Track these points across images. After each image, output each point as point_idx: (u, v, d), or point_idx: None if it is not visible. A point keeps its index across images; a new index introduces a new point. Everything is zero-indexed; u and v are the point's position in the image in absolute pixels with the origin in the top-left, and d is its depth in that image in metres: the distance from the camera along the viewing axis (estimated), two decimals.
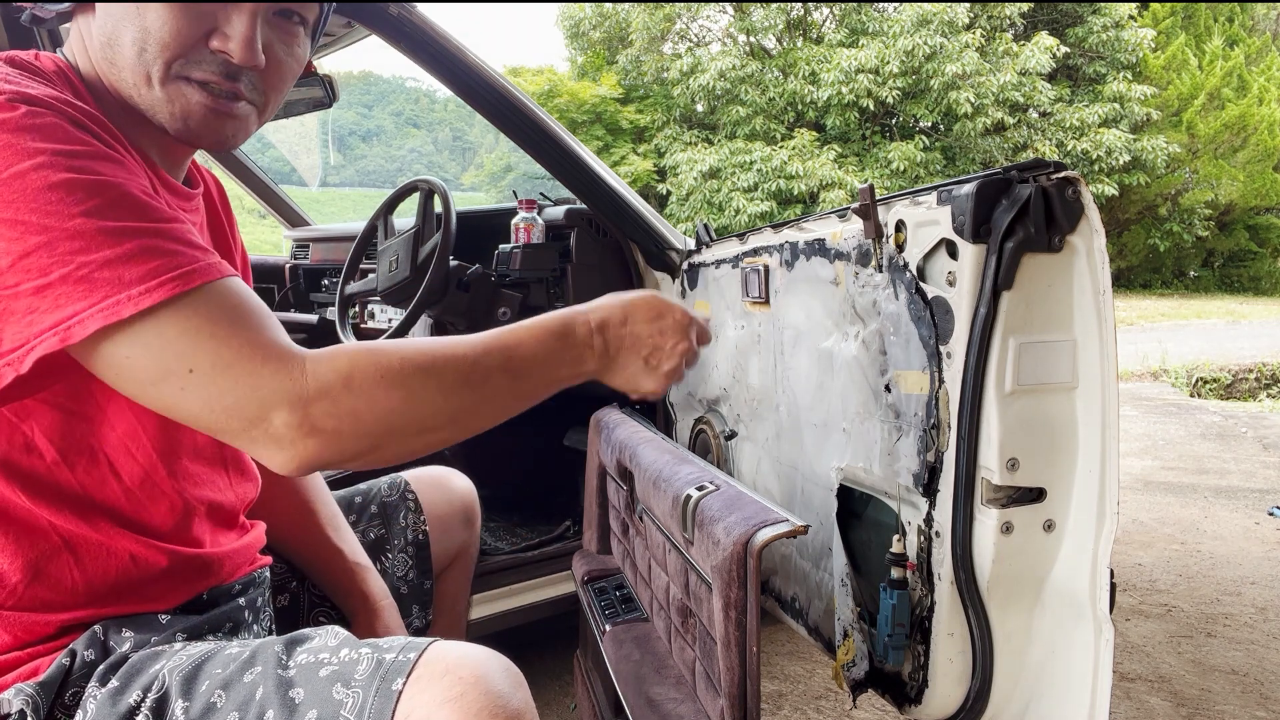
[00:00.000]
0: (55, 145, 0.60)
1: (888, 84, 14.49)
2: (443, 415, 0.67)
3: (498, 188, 23.06)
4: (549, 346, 0.74)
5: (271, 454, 0.62)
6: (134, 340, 0.59)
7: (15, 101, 0.60)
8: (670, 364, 0.82)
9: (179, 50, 0.68)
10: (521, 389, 0.73)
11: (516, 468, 2.48)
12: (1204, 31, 16.99)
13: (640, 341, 0.80)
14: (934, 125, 15.78)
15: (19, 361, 0.59)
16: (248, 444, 0.62)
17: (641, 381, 0.82)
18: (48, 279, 0.58)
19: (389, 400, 0.64)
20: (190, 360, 0.60)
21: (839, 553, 1.13)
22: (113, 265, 0.59)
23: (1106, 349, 0.87)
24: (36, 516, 0.69)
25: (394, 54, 1.55)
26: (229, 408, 0.61)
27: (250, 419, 0.61)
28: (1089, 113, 15.09)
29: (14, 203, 0.57)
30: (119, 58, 0.69)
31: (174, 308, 0.60)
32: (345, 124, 40.67)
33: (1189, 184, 16.01)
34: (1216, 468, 3.98)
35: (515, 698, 0.63)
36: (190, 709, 0.65)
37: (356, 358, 0.64)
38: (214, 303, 0.62)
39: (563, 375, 0.76)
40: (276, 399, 0.61)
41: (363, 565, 1.03)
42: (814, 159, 14.44)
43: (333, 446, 0.63)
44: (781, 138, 15.27)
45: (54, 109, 0.62)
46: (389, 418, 0.64)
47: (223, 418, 0.61)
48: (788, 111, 15.73)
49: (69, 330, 0.58)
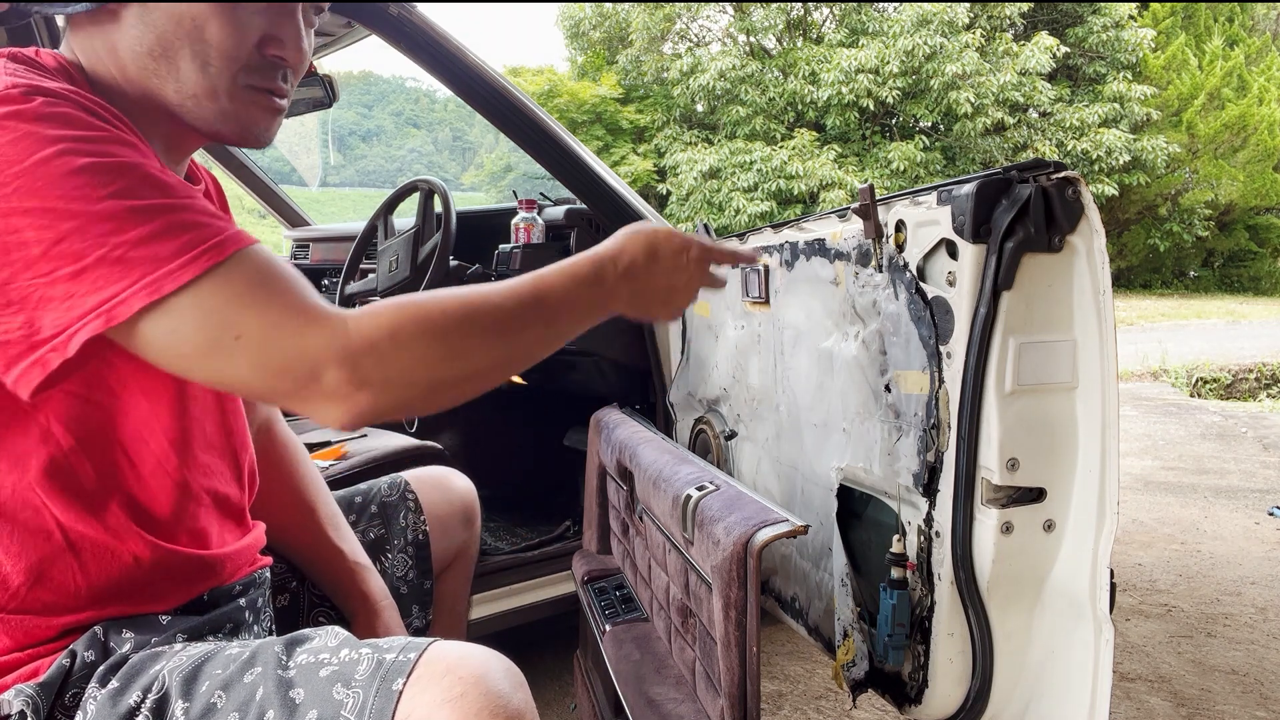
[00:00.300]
0: (74, 132, 0.61)
1: (888, 84, 14.50)
2: (483, 363, 0.69)
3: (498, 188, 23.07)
4: (579, 293, 0.76)
5: (326, 410, 0.63)
6: (178, 314, 0.60)
7: (31, 94, 0.61)
8: (687, 299, 0.86)
9: (244, 61, 0.71)
10: (553, 333, 0.75)
11: (516, 468, 2.48)
12: (1204, 31, 17.00)
13: (663, 279, 0.83)
14: (934, 125, 15.78)
15: (64, 346, 0.60)
16: (300, 403, 0.63)
17: (660, 313, 0.85)
18: (83, 263, 0.58)
19: (432, 352, 0.65)
20: (236, 327, 0.61)
21: (839, 553, 1.13)
22: (147, 243, 0.59)
23: (1106, 349, 0.87)
24: (43, 516, 0.69)
25: (394, 54, 1.55)
26: (280, 368, 0.62)
27: (302, 378, 0.62)
28: (1089, 113, 15.09)
29: (40, 191, 0.58)
30: (169, 71, 0.70)
31: (213, 278, 0.61)
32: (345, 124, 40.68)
33: (1189, 184, 16.02)
34: (1216, 468, 3.98)
35: (516, 698, 0.63)
36: (190, 709, 0.65)
37: (398, 312, 0.65)
38: (250, 269, 0.63)
39: (592, 318, 0.78)
40: (326, 356, 0.62)
41: (363, 565, 1.03)
42: (814, 159, 14.45)
43: (383, 398, 0.64)
44: (781, 138, 15.28)
45: (68, 99, 0.63)
46: (434, 369, 0.66)
47: (274, 379, 0.62)
48: (788, 111, 15.73)
49: (113, 311, 0.58)
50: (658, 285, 0.82)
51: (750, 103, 15.38)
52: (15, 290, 0.59)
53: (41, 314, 0.59)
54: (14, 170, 0.58)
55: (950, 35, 14.46)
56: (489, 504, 1.64)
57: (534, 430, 2.52)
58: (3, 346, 0.60)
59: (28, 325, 0.60)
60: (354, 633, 0.93)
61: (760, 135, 15.27)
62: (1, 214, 0.58)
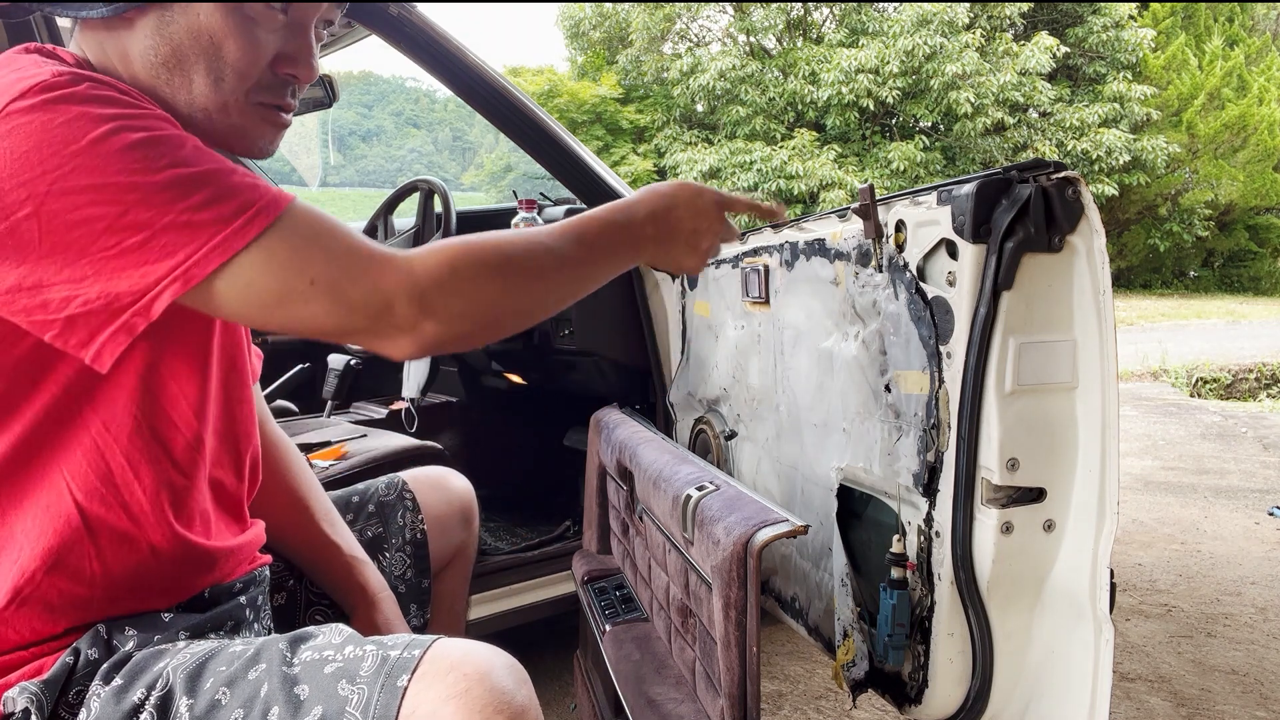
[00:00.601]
0: (123, 110, 0.63)
1: (888, 84, 14.50)
2: (534, 298, 0.75)
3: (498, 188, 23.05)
4: (614, 236, 0.82)
5: (398, 341, 0.68)
6: (252, 268, 0.63)
7: (78, 79, 0.63)
8: (708, 243, 0.90)
9: (256, 79, 0.73)
10: (593, 273, 0.80)
11: (516, 468, 2.48)
12: (1204, 31, 17.00)
13: (683, 225, 0.87)
14: (934, 125, 15.78)
15: (147, 310, 0.62)
16: (373, 338, 0.68)
17: (686, 260, 0.90)
18: (151, 230, 0.61)
19: (490, 287, 0.70)
20: (309, 272, 0.65)
21: (839, 553, 1.13)
22: (210, 206, 0.62)
23: (1106, 349, 0.88)
24: (65, 500, 0.69)
25: (394, 54, 1.55)
26: (355, 305, 0.66)
27: (376, 312, 0.66)
28: (1089, 113, 15.09)
29: (100, 168, 0.60)
30: (182, 82, 0.71)
31: (278, 230, 0.64)
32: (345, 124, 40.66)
33: (1189, 184, 16.02)
34: (1216, 468, 3.98)
35: (519, 694, 0.63)
36: (195, 706, 0.66)
37: (456, 251, 0.70)
38: (308, 219, 0.67)
39: (624, 260, 0.84)
40: (396, 289, 0.66)
41: (360, 559, 1.03)
42: (814, 159, 14.45)
43: (449, 327, 0.69)
44: (781, 138, 15.27)
45: (107, 84, 0.65)
46: (492, 302, 0.71)
47: (350, 316, 0.66)
48: (788, 111, 15.73)
49: (189, 272, 0.61)
50: (680, 229, 0.87)
51: (750, 103, 15.37)
52: (88, 265, 0.61)
53: (117, 283, 0.61)
54: (71, 150, 0.60)
55: (950, 35, 14.46)
56: (489, 504, 1.64)
57: (534, 430, 2.52)
58: (85, 318, 0.62)
59: (105, 295, 0.61)
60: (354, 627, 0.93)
61: (760, 135, 15.27)
62: (63, 192, 0.59)
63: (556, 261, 0.75)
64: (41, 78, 0.61)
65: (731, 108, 15.55)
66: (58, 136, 0.60)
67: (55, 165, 0.59)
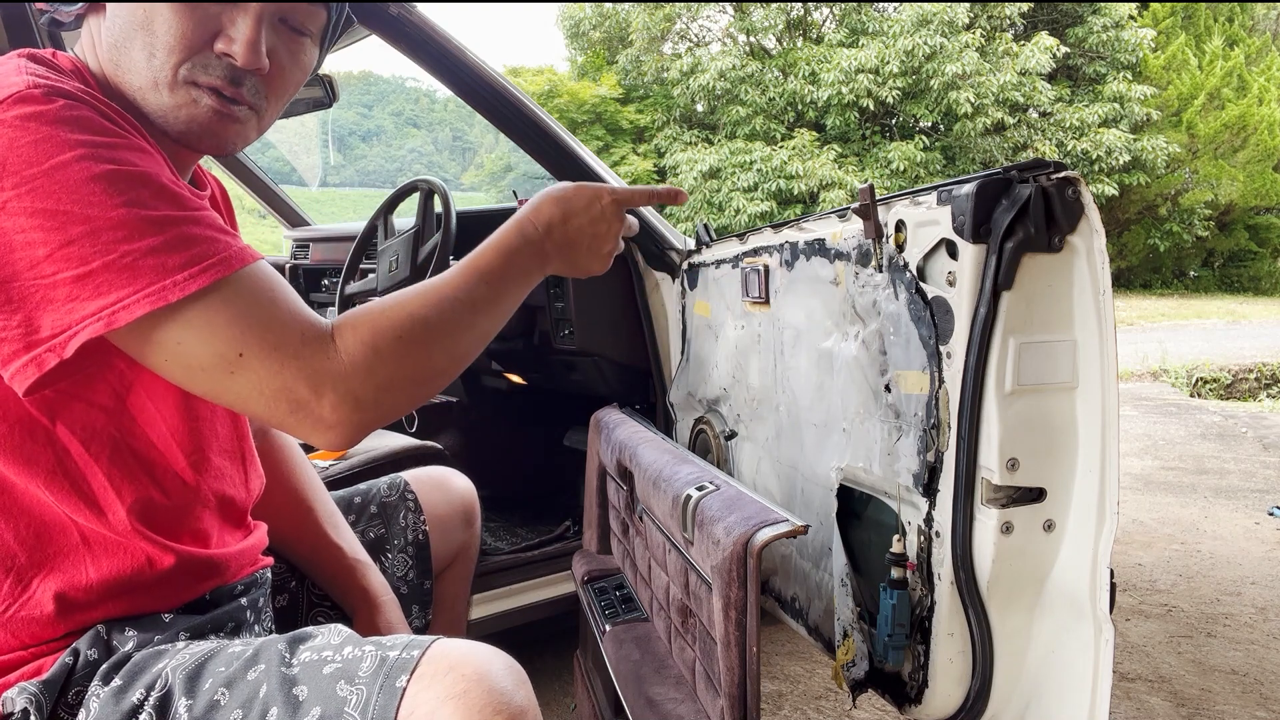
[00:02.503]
0: (93, 137, 0.61)
1: (888, 84, 14.49)
2: (456, 355, 0.73)
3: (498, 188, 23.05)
4: (517, 263, 0.81)
5: (320, 433, 0.66)
6: (184, 326, 0.62)
7: (52, 95, 0.61)
8: (610, 245, 0.89)
9: (185, 54, 0.69)
10: (507, 306, 0.79)
11: (517, 468, 2.48)
12: (1204, 31, 16.99)
13: (583, 232, 0.86)
14: (934, 125, 15.78)
15: (61, 347, 0.60)
16: (294, 425, 0.65)
17: (591, 265, 0.89)
18: (89, 267, 0.59)
19: (411, 359, 0.69)
20: (240, 344, 0.63)
21: (839, 553, 1.13)
22: (156, 253, 0.60)
23: (1106, 349, 0.87)
24: (55, 511, 0.69)
25: (394, 54, 1.55)
26: (279, 390, 0.64)
27: (298, 401, 0.64)
28: (1089, 113, 15.09)
29: (55, 193, 0.59)
30: (127, 62, 0.70)
31: (220, 292, 0.62)
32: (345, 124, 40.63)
33: (1189, 184, 16.01)
34: (1216, 468, 3.98)
35: (518, 695, 0.63)
36: (194, 707, 0.65)
37: (376, 325, 0.68)
38: (255, 286, 0.64)
39: (533, 280, 0.83)
40: (321, 379, 0.64)
41: (362, 562, 1.03)
42: (814, 159, 14.44)
43: (372, 413, 0.67)
44: (781, 138, 15.27)
45: (86, 103, 0.63)
46: (414, 373, 0.69)
47: (271, 400, 0.64)
48: (788, 111, 15.73)
49: (114, 315, 0.59)
50: (580, 237, 0.86)
51: (750, 103, 15.37)
52: (16, 289, 0.59)
53: (41, 314, 0.60)
54: (31, 171, 0.58)
55: (950, 35, 14.45)
56: (489, 504, 1.64)
57: (534, 430, 2.52)
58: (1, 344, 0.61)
59: (25, 324, 0.60)
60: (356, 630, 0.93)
61: (760, 135, 15.26)
62: (14, 212, 0.58)
63: (469, 310, 0.74)
64: (16, 89, 0.60)
65: (731, 108, 15.54)
66: (21, 156, 0.58)
67: (12, 185, 0.58)
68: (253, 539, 0.88)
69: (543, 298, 1.87)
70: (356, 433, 0.66)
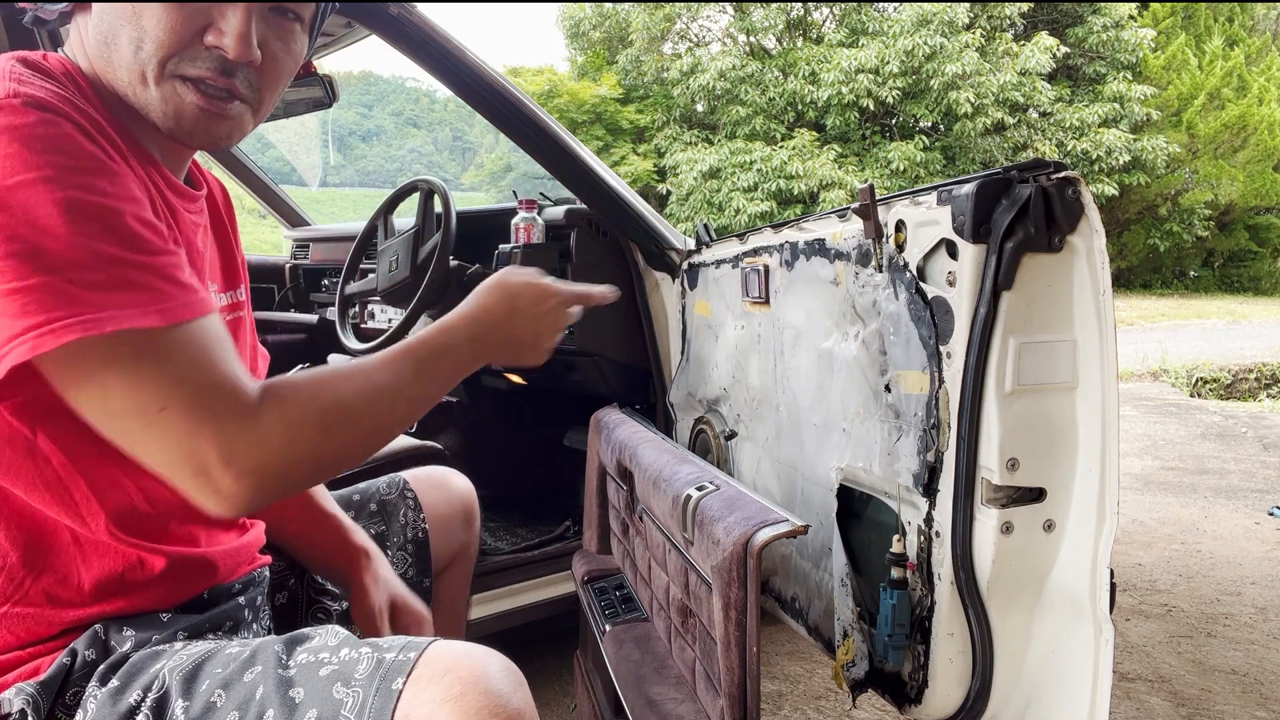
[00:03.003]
0: (61, 158, 0.60)
1: (888, 84, 14.49)
2: (370, 442, 0.73)
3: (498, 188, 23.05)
4: (453, 358, 0.80)
5: (215, 502, 0.63)
6: (110, 366, 0.59)
7: (30, 107, 0.60)
8: (550, 342, 0.90)
9: (174, 47, 0.68)
10: (431, 398, 0.79)
11: (516, 468, 2.48)
12: (1204, 31, 16.99)
13: (527, 329, 0.87)
14: (934, 125, 15.78)
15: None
16: (192, 488, 0.63)
17: (529, 359, 0.89)
18: (25, 282, 0.57)
19: (327, 444, 0.68)
20: (165, 398, 0.60)
21: (839, 553, 1.13)
22: (98, 289, 0.58)
23: (1106, 349, 0.87)
24: (44, 515, 0.69)
25: (394, 54, 1.54)
26: (188, 452, 0.61)
27: (203, 467, 0.62)
28: (1089, 113, 15.09)
29: (10, 208, 0.57)
30: (115, 56, 0.69)
31: (155, 339, 0.60)
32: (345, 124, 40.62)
33: (1189, 184, 16.01)
34: (1216, 468, 3.97)
35: (515, 697, 0.63)
36: (190, 708, 0.65)
37: (302, 406, 0.67)
38: (196, 342, 0.63)
39: (464, 373, 0.82)
40: (234, 452, 0.62)
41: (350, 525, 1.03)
42: (814, 159, 14.44)
43: (273, 491, 0.66)
44: (781, 138, 15.27)
45: (67, 117, 0.62)
46: (326, 456, 0.69)
47: (178, 461, 0.62)
48: (788, 111, 15.73)
49: (40, 339, 0.57)
50: (522, 334, 0.86)
51: (750, 103, 15.37)
52: None
53: None
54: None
55: (950, 35, 14.45)
56: (489, 504, 1.64)
57: (534, 430, 2.52)
58: None
59: None
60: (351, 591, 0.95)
61: (760, 135, 15.26)
62: None
63: (397, 400, 0.73)
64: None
65: (731, 108, 15.54)
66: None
67: None
68: (248, 537, 0.88)
69: None
70: (249, 508, 0.65)
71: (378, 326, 2.29)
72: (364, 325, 2.33)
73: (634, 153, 16.42)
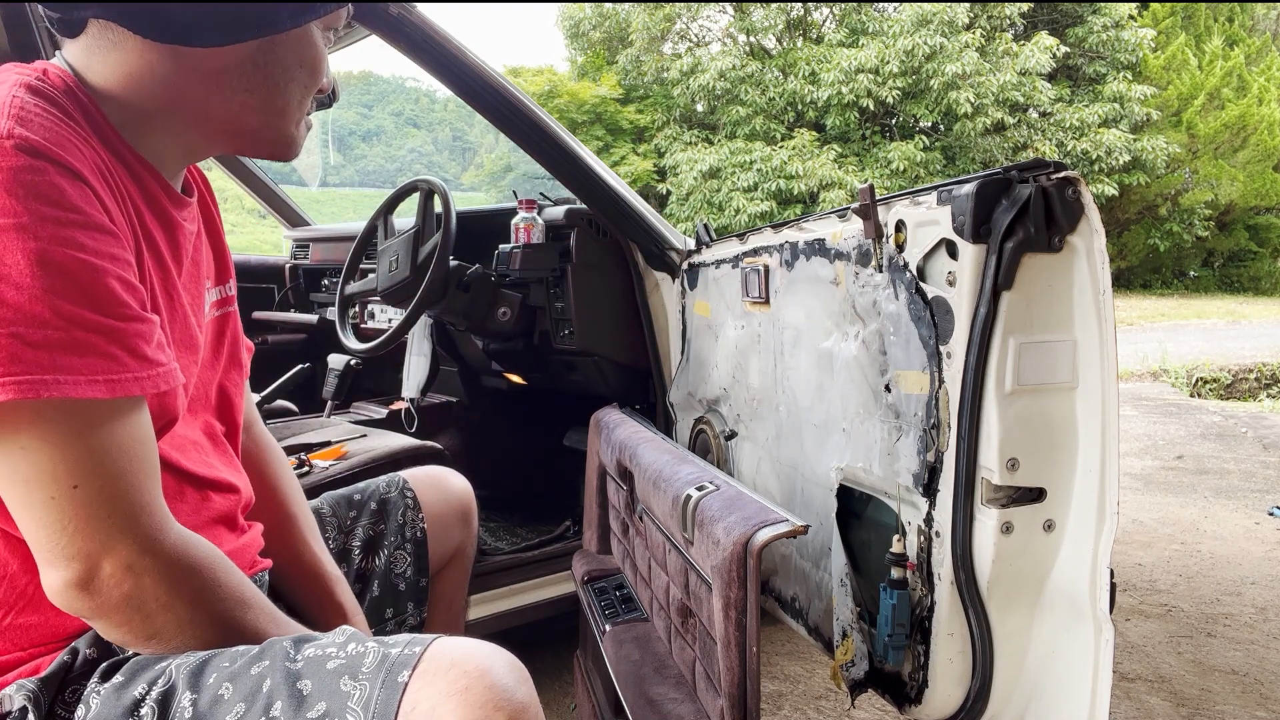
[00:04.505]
0: (43, 208, 0.58)
1: (888, 84, 14.49)
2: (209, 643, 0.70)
3: (498, 188, 23.04)
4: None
5: (77, 605, 0.62)
6: (35, 430, 0.58)
7: (20, 150, 0.58)
8: None
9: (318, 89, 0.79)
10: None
11: (516, 468, 2.48)
12: (1204, 31, 17.00)
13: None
14: (934, 125, 15.78)
15: None
16: (56, 585, 0.61)
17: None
18: None
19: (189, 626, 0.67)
20: (79, 478, 0.59)
21: (839, 553, 1.13)
22: (47, 348, 0.57)
23: (1106, 349, 0.87)
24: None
25: (394, 54, 1.54)
26: (78, 550, 0.60)
27: (91, 572, 0.61)
28: (1089, 113, 15.09)
29: None
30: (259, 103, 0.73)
31: (92, 413, 0.59)
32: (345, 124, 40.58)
33: (1189, 184, 16.02)
34: (1216, 468, 3.98)
35: (520, 691, 0.63)
36: (198, 701, 0.65)
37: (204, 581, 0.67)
38: (133, 434, 0.62)
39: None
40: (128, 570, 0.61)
41: (338, 577, 1.01)
42: (814, 159, 14.44)
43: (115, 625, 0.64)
44: (781, 138, 15.27)
45: (59, 163, 0.60)
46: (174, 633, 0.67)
47: (69, 553, 0.60)
48: (788, 111, 15.73)
49: None
50: None
51: (750, 103, 15.37)
52: None
53: None
54: None
55: (950, 35, 14.45)
56: (489, 504, 1.64)
57: (534, 430, 2.52)
58: None
59: None
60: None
61: (760, 135, 15.27)
62: None
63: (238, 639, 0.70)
64: None
65: (731, 108, 15.54)
66: None
67: None
68: (247, 539, 0.88)
69: (543, 298, 1.87)
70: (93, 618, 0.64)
71: (378, 326, 2.29)
72: (364, 325, 2.33)
73: (634, 153, 16.42)
